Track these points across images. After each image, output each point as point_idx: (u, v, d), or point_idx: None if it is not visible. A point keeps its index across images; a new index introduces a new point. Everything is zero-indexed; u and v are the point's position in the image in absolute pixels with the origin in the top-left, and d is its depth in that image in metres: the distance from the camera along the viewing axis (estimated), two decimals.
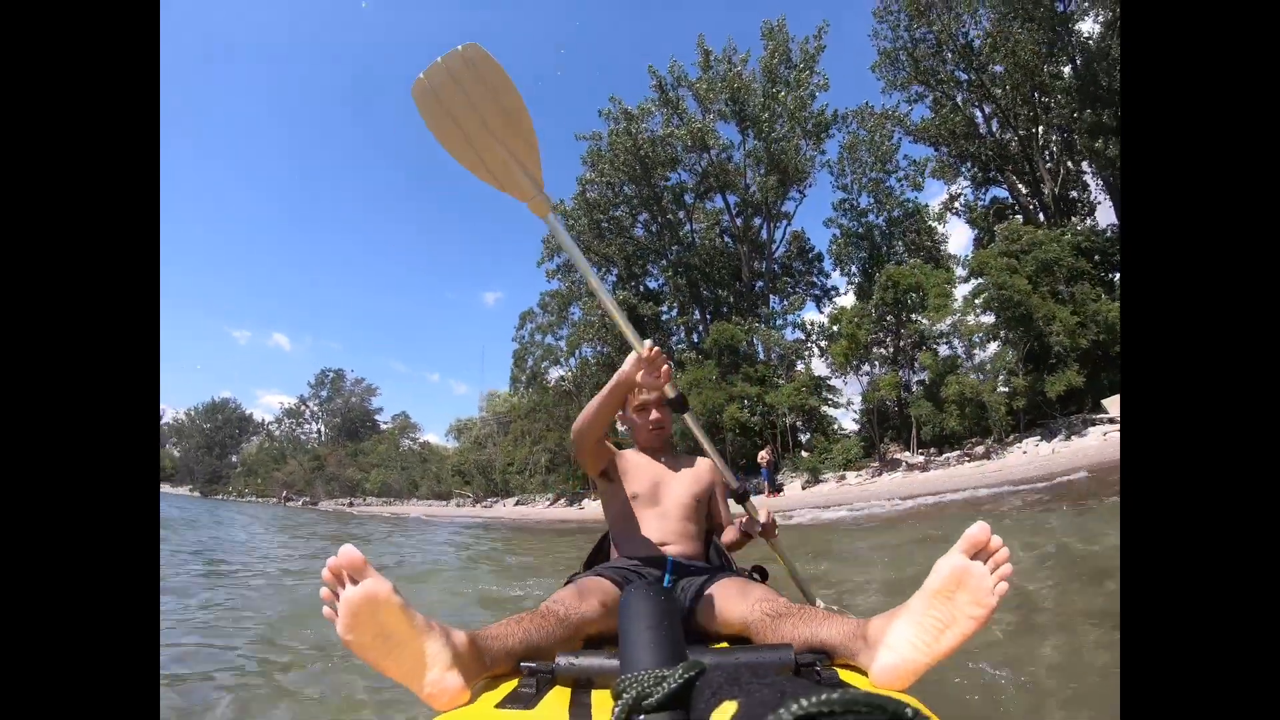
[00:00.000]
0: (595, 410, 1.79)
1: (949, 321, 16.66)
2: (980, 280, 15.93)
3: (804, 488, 16.48)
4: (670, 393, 1.72)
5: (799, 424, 20.04)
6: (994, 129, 21.85)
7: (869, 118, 22.76)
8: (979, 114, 22.12)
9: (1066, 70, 19.53)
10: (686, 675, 0.76)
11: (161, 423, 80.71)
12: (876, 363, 18.96)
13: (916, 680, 1.04)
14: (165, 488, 65.19)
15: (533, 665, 1.15)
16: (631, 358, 1.62)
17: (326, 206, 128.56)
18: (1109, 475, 9.14)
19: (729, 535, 2.03)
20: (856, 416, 20.58)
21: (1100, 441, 12.67)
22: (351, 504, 42.18)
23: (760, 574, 1.89)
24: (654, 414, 2.03)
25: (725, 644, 1.43)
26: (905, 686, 1.03)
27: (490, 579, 5.69)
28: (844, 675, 1.10)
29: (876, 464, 16.82)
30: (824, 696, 0.47)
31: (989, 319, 16.05)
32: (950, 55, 21.11)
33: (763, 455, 16.70)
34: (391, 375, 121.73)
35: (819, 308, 24.80)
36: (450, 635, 1.07)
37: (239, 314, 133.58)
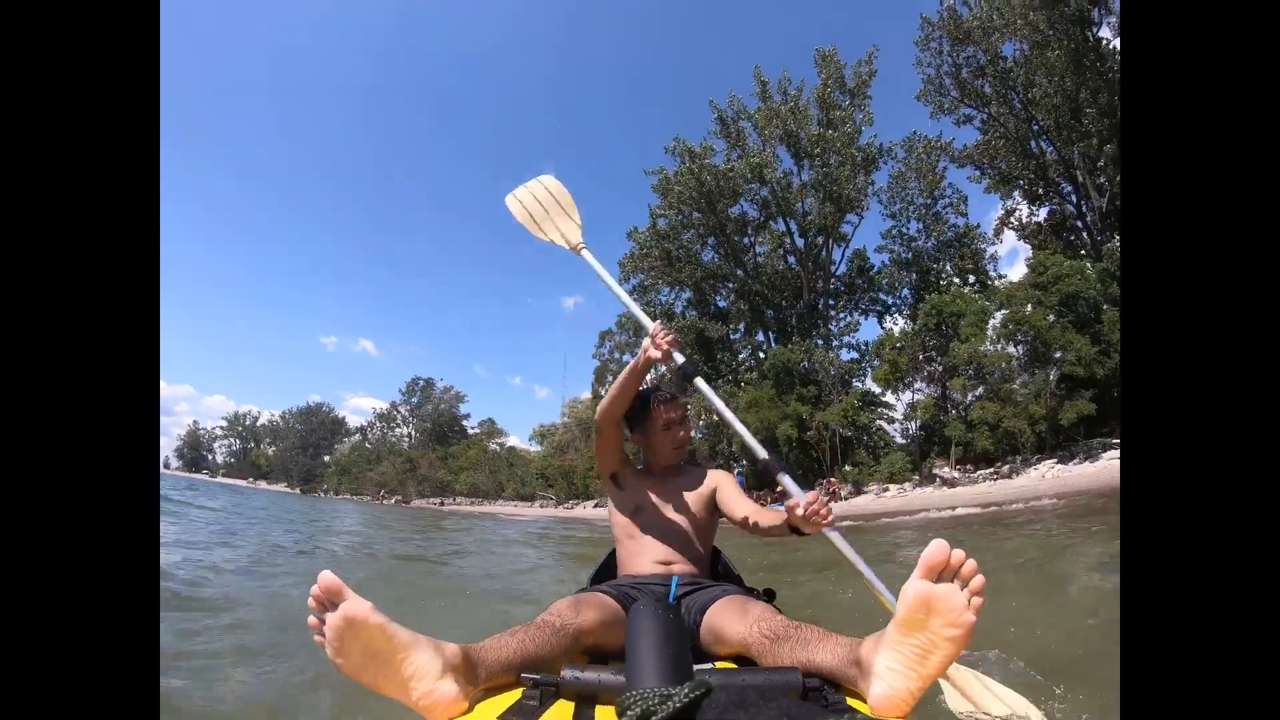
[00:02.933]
0: (618, 388, 1.98)
1: (981, 349, 18.99)
2: (1007, 311, 18.45)
3: (846, 498, 19.64)
4: (679, 359, 1.88)
5: (851, 438, 22.28)
6: (1042, 146, 23.50)
7: (916, 144, 24.87)
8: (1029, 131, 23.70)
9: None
10: (693, 695, 0.76)
11: (258, 423, 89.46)
12: (924, 383, 21.49)
13: (915, 704, 1.04)
14: (262, 484, 72.04)
15: (536, 677, 1.15)
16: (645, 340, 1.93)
17: (405, 215, 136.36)
18: (1073, 501, 10.76)
19: (766, 518, 1.86)
20: (901, 432, 22.94)
21: (1097, 467, 14.81)
22: (442, 503, 45.99)
23: (768, 594, 1.94)
24: (680, 432, 2.11)
25: (731, 664, 1.47)
26: (904, 713, 1.04)
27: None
28: (850, 702, 1.11)
29: (917, 478, 19.74)
30: None
31: (1016, 349, 18.44)
32: (993, 78, 23.05)
33: (827, 484, 19.87)
34: (474, 379, 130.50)
35: (880, 324, 26.67)
36: (440, 647, 1.11)
37: (327, 322, 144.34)
